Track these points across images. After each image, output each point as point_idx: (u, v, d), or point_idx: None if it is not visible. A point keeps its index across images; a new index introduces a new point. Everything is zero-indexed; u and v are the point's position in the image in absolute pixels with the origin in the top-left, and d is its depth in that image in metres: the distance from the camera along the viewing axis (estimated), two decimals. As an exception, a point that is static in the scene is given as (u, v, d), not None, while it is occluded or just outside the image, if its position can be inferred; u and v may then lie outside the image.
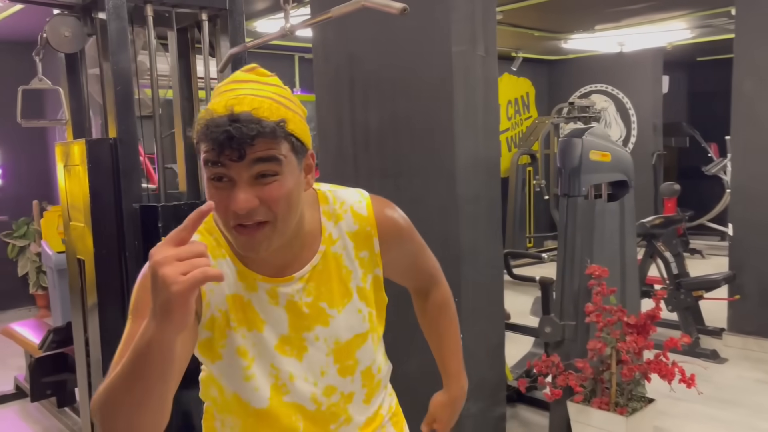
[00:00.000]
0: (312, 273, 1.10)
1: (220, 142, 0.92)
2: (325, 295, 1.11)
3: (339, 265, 1.13)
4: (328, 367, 1.13)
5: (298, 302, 1.09)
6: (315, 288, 1.10)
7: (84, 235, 2.24)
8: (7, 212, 5.89)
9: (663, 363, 2.64)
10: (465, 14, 2.65)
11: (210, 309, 1.04)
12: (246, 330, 1.06)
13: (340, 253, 1.13)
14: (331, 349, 1.12)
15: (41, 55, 2.24)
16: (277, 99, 0.98)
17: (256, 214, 0.96)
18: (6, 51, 5.92)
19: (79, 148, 2.20)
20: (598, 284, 2.79)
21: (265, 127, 0.93)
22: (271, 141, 0.95)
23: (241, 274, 1.06)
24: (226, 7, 2.36)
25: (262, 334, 1.07)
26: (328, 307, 1.11)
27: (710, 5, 5.61)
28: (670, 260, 4.40)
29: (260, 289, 1.06)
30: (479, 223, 2.75)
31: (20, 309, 6.10)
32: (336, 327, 1.12)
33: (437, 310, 1.39)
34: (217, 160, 0.94)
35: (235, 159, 0.93)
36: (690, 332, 4.34)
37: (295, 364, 1.10)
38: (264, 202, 0.96)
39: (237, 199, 0.94)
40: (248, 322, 1.06)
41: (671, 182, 5.90)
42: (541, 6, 5.21)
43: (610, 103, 8.55)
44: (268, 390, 1.09)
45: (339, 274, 1.13)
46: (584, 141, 2.92)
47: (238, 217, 0.96)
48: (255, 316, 1.07)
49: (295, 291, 1.08)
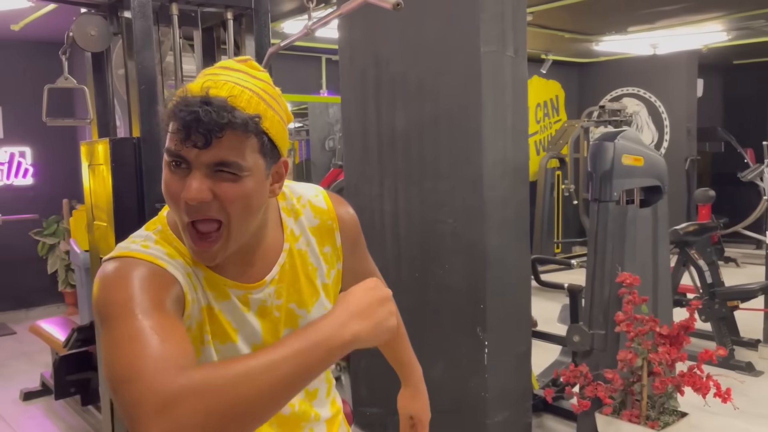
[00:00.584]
0: (281, 273, 1.04)
1: (187, 123, 0.84)
2: (294, 295, 1.05)
3: (305, 262, 1.07)
4: None
5: (269, 307, 1.03)
6: (285, 289, 1.04)
7: (107, 235, 2.23)
8: (37, 210, 5.97)
9: (697, 376, 2.54)
10: (494, 14, 2.59)
11: (189, 320, 0.94)
12: (219, 343, 0.98)
13: (304, 250, 1.07)
14: None
15: (68, 54, 2.24)
16: (260, 93, 0.91)
17: (207, 209, 0.88)
18: (36, 51, 6.01)
19: (103, 147, 2.19)
20: (629, 293, 2.70)
21: (237, 118, 0.86)
22: (242, 135, 0.87)
23: (209, 282, 0.97)
24: (251, 6, 2.34)
25: (236, 345, 0.99)
26: (297, 307, 1.06)
27: (748, 7, 5.44)
28: (704, 269, 4.27)
29: (232, 297, 0.99)
30: (507, 227, 2.69)
31: (49, 306, 6.18)
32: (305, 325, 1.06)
33: None
34: (180, 142, 0.86)
35: (199, 145, 0.85)
36: (724, 344, 4.20)
37: None
38: (218, 198, 0.88)
39: (189, 187, 0.86)
40: (221, 334, 0.98)
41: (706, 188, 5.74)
42: (573, 7, 5.11)
43: (642, 106, 8.38)
44: None
45: (305, 271, 1.07)
46: (616, 145, 2.83)
47: (189, 210, 0.88)
48: (227, 326, 0.99)
49: (267, 295, 1.02)
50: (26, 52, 5.98)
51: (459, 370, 2.73)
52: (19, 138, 5.99)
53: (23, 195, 6.04)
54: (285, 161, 0.97)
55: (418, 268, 2.86)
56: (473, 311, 2.66)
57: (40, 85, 5.92)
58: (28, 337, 5.05)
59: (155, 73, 2.17)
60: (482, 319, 2.63)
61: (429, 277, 2.81)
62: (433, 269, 2.80)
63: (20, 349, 5.12)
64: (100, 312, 0.85)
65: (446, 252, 2.75)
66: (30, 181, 6.08)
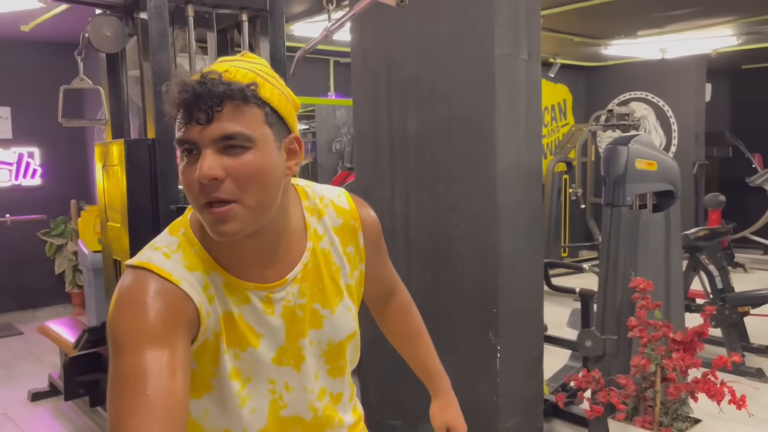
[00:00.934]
0: (304, 272, 1.02)
1: (186, 102, 0.85)
2: (318, 295, 1.03)
3: (328, 262, 1.05)
4: (320, 370, 1.06)
5: (293, 306, 1.00)
6: (308, 288, 1.02)
7: (121, 236, 2.23)
8: (45, 211, 5.98)
9: (711, 382, 2.52)
10: (508, 17, 2.58)
11: (206, 334, 0.93)
12: (239, 350, 0.96)
13: (328, 250, 1.06)
14: (323, 351, 1.05)
15: (83, 55, 2.24)
16: (254, 69, 0.91)
17: (222, 189, 0.87)
18: (45, 52, 6.03)
19: (118, 148, 2.19)
20: (642, 298, 2.69)
21: (233, 87, 0.86)
22: (242, 104, 0.87)
23: (229, 287, 0.95)
24: (266, 7, 2.34)
25: (257, 350, 0.97)
26: (321, 307, 1.04)
27: (759, 11, 5.42)
28: (714, 274, 4.25)
29: (254, 300, 0.97)
30: (520, 231, 2.67)
31: (56, 307, 6.19)
32: (330, 328, 1.05)
33: (403, 312, 1.30)
34: (185, 124, 0.87)
35: (202, 122, 0.85)
36: (735, 349, 4.18)
37: (292, 374, 1.02)
38: (231, 176, 0.87)
39: (200, 167, 0.86)
40: (241, 341, 0.96)
41: (716, 193, 5.72)
42: (584, 11, 5.10)
43: (650, 111, 8.36)
44: (266, 408, 1.00)
45: (329, 271, 1.05)
46: (630, 149, 2.82)
47: (204, 189, 0.86)
48: (249, 332, 0.96)
49: (290, 294, 1.00)
50: (35, 52, 5.99)
51: (471, 374, 2.71)
52: (28, 138, 6.00)
53: (31, 195, 6.06)
54: (297, 137, 0.95)
55: (429, 272, 2.84)
56: (485, 316, 2.65)
57: (49, 86, 5.99)
58: (35, 337, 5.06)
59: (170, 75, 2.17)
60: (494, 324, 2.62)
61: (440, 281, 2.80)
62: (444, 273, 2.78)
63: (27, 350, 5.12)
64: (111, 335, 0.87)
65: (458, 256, 2.74)
66: (38, 182, 6.09)
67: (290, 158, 0.95)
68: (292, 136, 0.95)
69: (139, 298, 0.87)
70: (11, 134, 5.94)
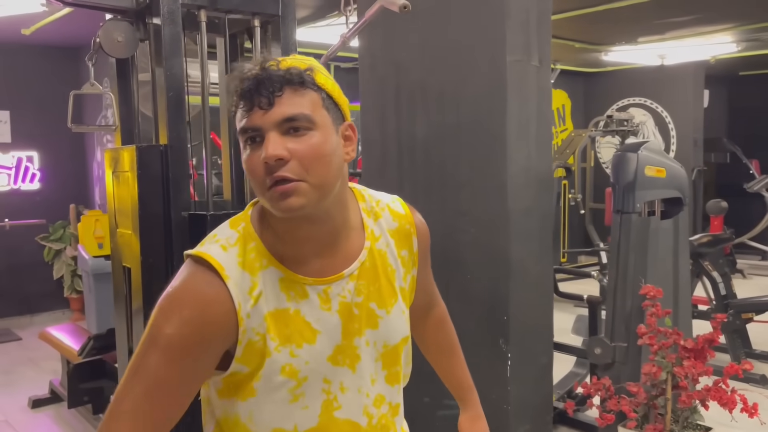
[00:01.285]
0: (361, 270, 1.03)
1: (249, 91, 0.90)
2: (374, 294, 1.04)
3: (384, 262, 1.07)
4: (377, 374, 1.05)
5: (349, 303, 1.01)
6: (365, 287, 1.03)
7: (131, 243, 2.21)
8: (44, 215, 5.94)
9: (723, 390, 2.51)
10: (520, 23, 2.58)
11: (247, 335, 0.94)
12: (295, 347, 0.96)
13: (384, 251, 1.07)
14: (380, 353, 1.05)
15: (94, 60, 2.22)
16: (307, 61, 0.97)
17: (287, 168, 0.90)
18: (45, 56, 6.01)
19: (129, 154, 2.17)
20: (652, 305, 2.68)
21: (292, 72, 0.92)
22: (300, 89, 0.92)
23: (286, 283, 0.97)
24: (278, 13, 2.33)
25: (314, 346, 0.98)
26: (377, 307, 1.04)
27: (759, 18, 5.45)
28: (718, 280, 4.25)
29: (311, 295, 0.98)
30: (530, 237, 2.67)
31: (54, 312, 6.14)
32: (385, 329, 1.05)
33: (440, 325, 1.32)
34: (248, 112, 0.91)
35: (264, 106, 0.90)
36: (738, 356, 4.19)
37: (348, 374, 1.01)
38: (296, 157, 0.90)
39: (266, 148, 0.90)
40: (297, 337, 0.97)
41: (718, 199, 5.73)
42: (586, 17, 5.11)
43: (648, 117, 8.39)
44: (318, 407, 0.99)
45: (385, 272, 1.06)
46: (640, 156, 2.82)
47: (269, 170, 0.90)
48: (305, 328, 0.97)
49: (346, 291, 1.01)
50: (35, 56, 5.96)
51: (481, 381, 2.67)
52: (27, 142, 5.97)
53: (30, 200, 6.01)
54: (351, 124, 1.00)
55: (438, 278, 2.82)
56: (496, 322, 2.63)
57: (48, 90, 5.97)
58: (34, 343, 5.02)
59: (183, 80, 2.15)
60: (505, 331, 2.61)
61: (450, 287, 2.79)
62: (454, 279, 2.77)
63: (26, 356, 5.08)
64: (151, 322, 0.93)
65: (468, 262, 2.72)
66: (37, 186, 6.05)
67: (347, 144, 0.99)
68: (347, 122, 0.99)
69: (186, 301, 0.92)
70: (10, 138, 5.90)
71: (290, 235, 0.97)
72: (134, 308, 2.27)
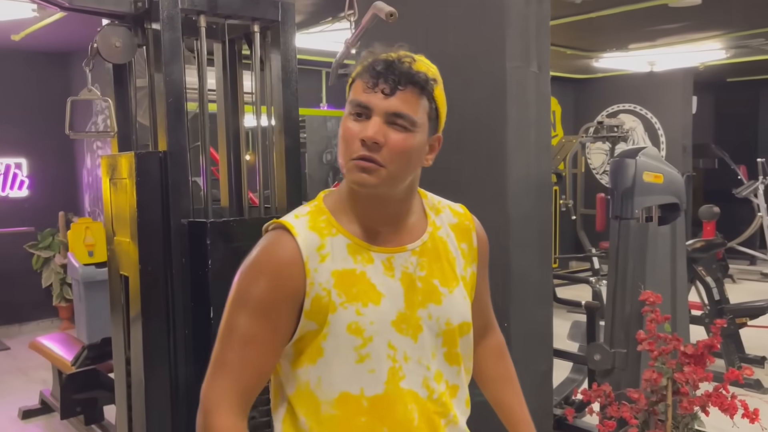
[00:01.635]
0: (423, 248, 1.11)
1: (380, 71, 1.00)
2: (437, 272, 1.11)
3: (446, 248, 1.14)
4: (437, 350, 1.10)
5: (412, 274, 1.08)
6: (427, 263, 1.10)
7: (129, 251, 2.17)
8: (33, 223, 5.87)
9: (723, 396, 2.51)
10: (519, 29, 2.58)
11: (314, 288, 1.03)
12: (361, 305, 1.04)
13: (445, 239, 1.15)
14: (441, 330, 1.10)
15: (91, 66, 2.19)
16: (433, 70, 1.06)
17: (378, 152, 1.00)
18: (34, 61, 5.94)
19: (127, 161, 2.14)
20: (652, 311, 2.68)
21: (421, 75, 1.01)
22: (418, 93, 1.01)
23: (353, 248, 1.06)
24: (278, 18, 2.30)
25: (378, 307, 1.04)
26: (440, 284, 1.11)
27: (750, 25, 5.51)
28: (711, 285, 4.27)
29: (376, 261, 1.06)
30: (531, 245, 2.66)
31: (43, 321, 6.06)
32: (447, 307, 1.11)
33: (498, 355, 1.32)
34: (369, 88, 1.00)
35: (386, 92, 0.99)
36: (732, 361, 4.20)
37: (411, 344, 1.07)
38: (387, 145, 1.00)
39: (368, 127, 1.00)
40: (363, 296, 1.04)
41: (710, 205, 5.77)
42: (578, 24, 5.14)
43: (638, 123, 8.45)
44: (384, 373, 1.04)
45: (447, 256, 1.14)
46: (638, 162, 2.82)
47: (363, 146, 1.00)
48: (371, 289, 1.05)
49: (409, 263, 1.09)
50: (24, 62, 5.90)
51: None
52: (15, 149, 5.89)
53: (18, 207, 5.93)
54: (440, 137, 1.10)
55: (438, 285, 2.81)
56: (496, 329, 2.62)
57: (36, 96, 5.90)
58: (22, 352, 4.94)
59: (182, 86, 2.12)
60: (507, 338, 2.58)
61: (449, 295, 2.78)
62: (454, 286, 2.76)
63: (14, 365, 5.00)
64: (234, 285, 1.06)
65: (468, 269, 2.71)
66: (25, 193, 5.98)
67: (431, 152, 1.09)
68: (437, 135, 1.09)
69: (265, 263, 1.04)
70: (-2, 145, 5.83)
71: (361, 209, 1.07)
72: (132, 317, 2.23)
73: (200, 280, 2.12)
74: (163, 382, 2.14)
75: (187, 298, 2.14)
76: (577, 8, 4.76)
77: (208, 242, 2.10)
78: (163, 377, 2.14)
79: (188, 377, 2.14)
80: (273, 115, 2.41)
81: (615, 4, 4.70)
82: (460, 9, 2.66)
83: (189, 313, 2.14)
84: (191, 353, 2.14)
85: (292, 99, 2.39)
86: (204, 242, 2.11)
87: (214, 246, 2.11)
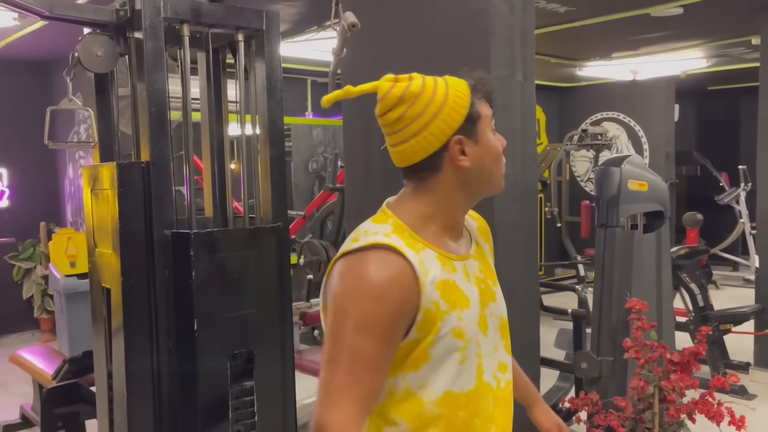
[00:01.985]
0: (477, 253, 1.23)
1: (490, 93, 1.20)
2: (488, 273, 1.23)
3: (482, 251, 1.26)
4: (498, 343, 1.21)
5: (480, 278, 1.20)
6: (481, 266, 1.22)
7: (111, 262, 2.14)
8: (13, 234, 5.78)
9: (710, 403, 2.52)
10: (504, 39, 2.58)
11: (426, 303, 1.09)
12: (460, 311, 1.12)
13: (479, 243, 1.27)
14: (498, 324, 1.22)
15: (72, 75, 2.16)
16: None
17: None
18: (15, 71, 5.87)
19: (109, 171, 2.10)
20: (638, 319, 2.69)
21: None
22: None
23: (441, 259, 1.14)
24: (263, 27, 2.29)
25: (470, 311, 1.14)
26: (492, 284, 1.23)
27: (730, 34, 5.58)
28: (696, 292, 4.30)
29: (458, 269, 1.16)
30: (517, 253, 2.65)
31: (24, 333, 5.96)
32: (500, 303, 1.23)
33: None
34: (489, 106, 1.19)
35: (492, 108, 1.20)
36: (717, 367, 4.23)
37: (484, 340, 1.17)
38: None
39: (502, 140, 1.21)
40: (459, 303, 1.12)
41: (694, 212, 5.82)
42: (562, 33, 5.18)
43: (621, 130, 8.52)
44: (475, 369, 1.15)
45: (485, 258, 1.26)
46: (623, 170, 2.84)
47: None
48: (462, 296, 1.14)
49: (475, 267, 1.20)
50: (5, 71, 5.83)
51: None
52: (-4, 159, 5.81)
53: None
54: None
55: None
56: (483, 339, 2.61)
57: (17, 105, 5.82)
58: (3, 365, 4.84)
59: (165, 96, 2.10)
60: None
61: (436, 304, 2.76)
62: (440, 296, 2.75)
63: (-6, 379, 4.90)
64: (344, 305, 1.07)
65: (454, 278, 2.70)
66: (6, 204, 5.89)
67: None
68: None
69: (386, 289, 1.06)
70: (-22, 154, 5.75)
71: (445, 220, 1.17)
72: (114, 329, 2.19)
73: (184, 292, 2.08)
74: (146, 396, 2.10)
75: (170, 310, 2.11)
76: (561, 17, 4.80)
77: (191, 253, 2.07)
78: (146, 391, 2.10)
79: (171, 391, 2.10)
80: (258, 123, 2.39)
81: (598, 13, 4.75)
82: (445, 18, 2.66)
83: (172, 325, 2.10)
84: (174, 367, 2.10)
85: (277, 108, 2.37)
86: (187, 253, 2.07)
87: (197, 257, 2.08)
